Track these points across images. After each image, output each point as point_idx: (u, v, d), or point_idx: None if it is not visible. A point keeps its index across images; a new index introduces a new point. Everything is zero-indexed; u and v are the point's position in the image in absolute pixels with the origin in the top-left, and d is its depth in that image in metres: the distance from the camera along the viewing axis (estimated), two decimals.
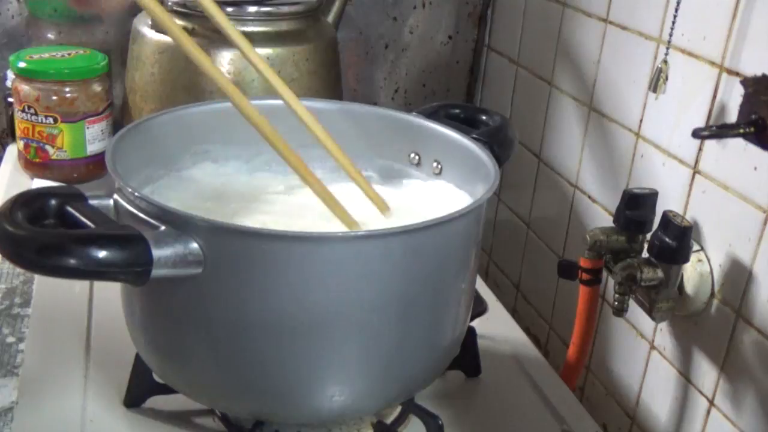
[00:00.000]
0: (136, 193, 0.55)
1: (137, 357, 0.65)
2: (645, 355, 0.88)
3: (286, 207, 0.69)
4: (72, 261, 0.49)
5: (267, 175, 0.74)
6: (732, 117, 0.73)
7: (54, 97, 1.00)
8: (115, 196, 0.57)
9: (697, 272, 0.77)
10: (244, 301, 0.54)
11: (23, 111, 1.01)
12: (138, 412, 0.67)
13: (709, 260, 0.77)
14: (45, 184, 0.98)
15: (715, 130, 0.71)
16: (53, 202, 0.55)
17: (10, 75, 1.04)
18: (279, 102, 0.77)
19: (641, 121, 0.88)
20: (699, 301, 0.77)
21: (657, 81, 0.78)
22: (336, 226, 0.64)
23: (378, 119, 0.75)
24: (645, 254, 0.77)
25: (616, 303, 0.79)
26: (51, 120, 1.00)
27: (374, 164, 0.76)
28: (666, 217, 0.74)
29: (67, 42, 1.15)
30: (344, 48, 1.22)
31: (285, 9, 1.00)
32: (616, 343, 0.94)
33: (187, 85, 0.96)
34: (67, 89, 1.00)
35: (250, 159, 0.74)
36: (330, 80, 1.04)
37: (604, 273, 0.83)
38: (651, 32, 0.86)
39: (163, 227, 0.53)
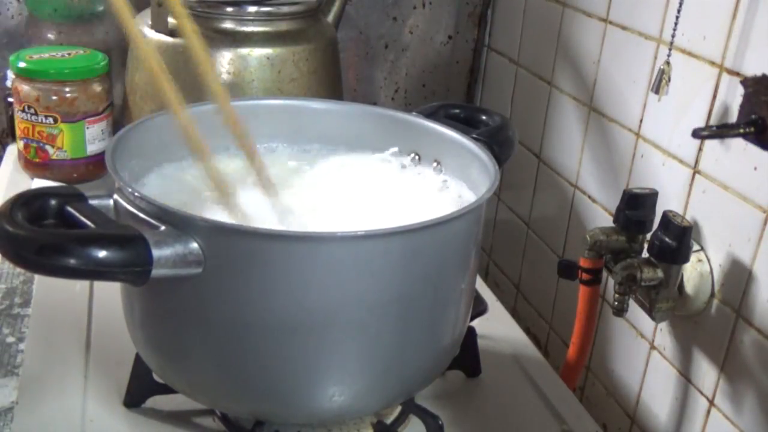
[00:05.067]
0: (136, 193, 0.55)
1: (137, 357, 0.65)
2: (645, 355, 0.89)
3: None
4: (72, 261, 0.49)
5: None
6: (732, 117, 0.73)
7: (54, 97, 1.00)
8: (115, 196, 0.57)
9: (697, 272, 0.77)
10: (244, 301, 0.54)
11: (23, 111, 1.01)
12: (138, 412, 0.67)
13: (709, 260, 0.77)
14: (45, 184, 0.98)
15: (715, 130, 0.71)
16: (53, 202, 0.55)
17: (10, 75, 1.05)
18: (278, 102, 0.77)
19: (641, 121, 0.88)
20: (699, 301, 0.77)
21: (660, 82, 0.78)
22: (332, 226, 0.64)
23: (378, 119, 0.75)
24: (645, 254, 0.77)
25: (616, 303, 0.79)
26: (51, 120, 1.00)
27: (374, 164, 0.76)
28: (666, 217, 0.74)
29: (67, 42, 1.15)
30: (344, 48, 1.22)
31: (285, 9, 1.00)
32: (616, 343, 0.94)
33: (187, 84, 0.96)
34: (67, 89, 1.00)
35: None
36: (330, 80, 1.04)
37: (604, 273, 0.83)
38: (651, 32, 0.86)
39: (163, 227, 0.53)
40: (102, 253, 0.49)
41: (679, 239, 0.73)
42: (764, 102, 0.67)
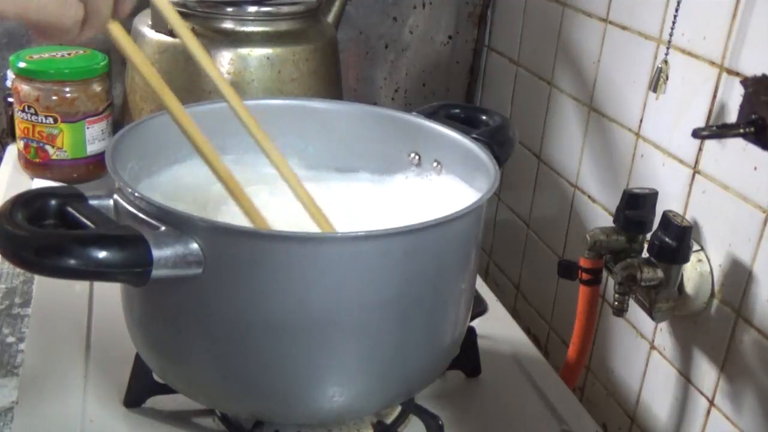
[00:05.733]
0: (136, 193, 0.55)
1: (137, 357, 0.65)
2: (645, 355, 0.88)
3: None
4: (72, 261, 0.49)
5: (268, 172, 0.74)
6: (732, 117, 0.73)
7: (54, 97, 1.00)
8: (115, 196, 0.57)
9: (697, 272, 0.77)
10: (244, 302, 0.54)
11: (23, 111, 1.01)
12: (138, 412, 0.67)
13: (709, 260, 0.77)
14: (45, 184, 0.98)
15: (715, 130, 0.71)
16: (53, 202, 0.55)
17: (10, 75, 1.04)
18: (278, 102, 0.77)
19: (641, 121, 0.88)
20: (699, 301, 0.77)
21: (657, 81, 0.78)
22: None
23: (378, 119, 0.75)
24: (645, 254, 0.77)
25: (616, 303, 0.79)
26: (51, 120, 1.00)
27: (374, 164, 0.76)
28: (666, 217, 0.74)
29: (66, 42, 1.15)
30: (344, 48, 1.22)
31: (285, 9, 1.00)
32: (616, 343, 0.94)
33: (187, 85, 0.96)
34: (67, 89, 1.00)
35: (250, 158, 0.74)
36: (330, 80, 1.04)
37: (604, 273, 0.83)
38: (651, 32, 0.86)
39: (163, 227, 0.53)
40: (102, 254, 0.49)
41: (679, 239, 0.73)
42: (764, 102, 0.67)
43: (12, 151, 1.12)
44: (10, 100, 1.06)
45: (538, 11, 1.12)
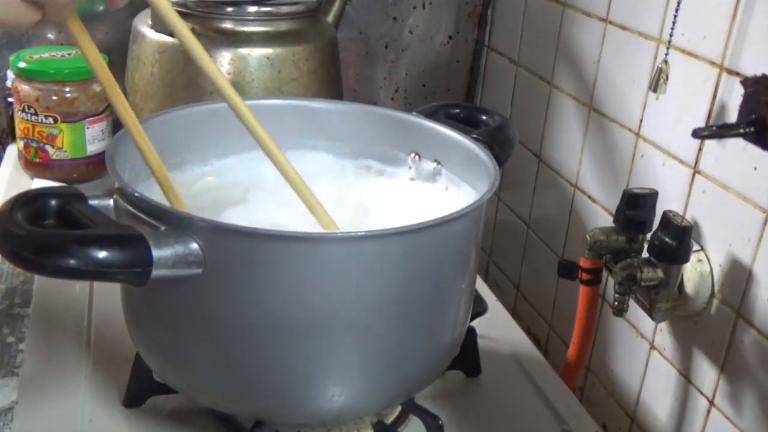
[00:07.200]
0: (136, 193, 0.55)
1: (137, 357, 0.65)
2: (645, 355, 0.89)
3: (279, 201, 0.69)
4: (71, 261, 0.49)
5: (266, 173, 0.74)
6: (732, 117, 0.73)
7: (54, 97, 1.00)
8: (115, 196, 0.57)
9: (697, 272, 0.77)
10: (244, 302, 0.54)
11: (23, 111, 1.01)
12: (138, 412, 0.67)
13: (709, 260, 0.77)
14: (45, 184, 0.98)
15: (715, 130, 0.71)
16: (53, 202, 0.55)
17: (10, 75, 1.05)
18: (278, 102, 0.77)
19: (641, 121, 0.88)
20: (699, 301, 0.77)
21: (657, 81, 0.78)
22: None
23: (378, 119, 0.75)
24: (645, 254, 0.77)
25: (616, 303, 0.79)
26: (51, 120, 1.00)
27: (374, 164, 0.76)
28: (666, 217, 0.74)
29: (67, 42, 1.15)
30: (344, 48, 1.22)
31: (285, 9, 1.00)
32: (616, 343, 0.94)
33: (187, 85, 0.96)
34: (67, 89, 1.00)
35: (249, 157, 0.74)
36: (330, 80, 1.04)
37: (604, 273, 0.83)
38: (651, 32, 0.86)
39: (163, 227, 0.53)
40: (102, 254, 0.49)
41: (679, 239, 0.73)
42: (764, 102, 0.67)
43: (12, 151, 1.12)
44: (10, 100, 1.06)
45: (538, 11, 1.12)
